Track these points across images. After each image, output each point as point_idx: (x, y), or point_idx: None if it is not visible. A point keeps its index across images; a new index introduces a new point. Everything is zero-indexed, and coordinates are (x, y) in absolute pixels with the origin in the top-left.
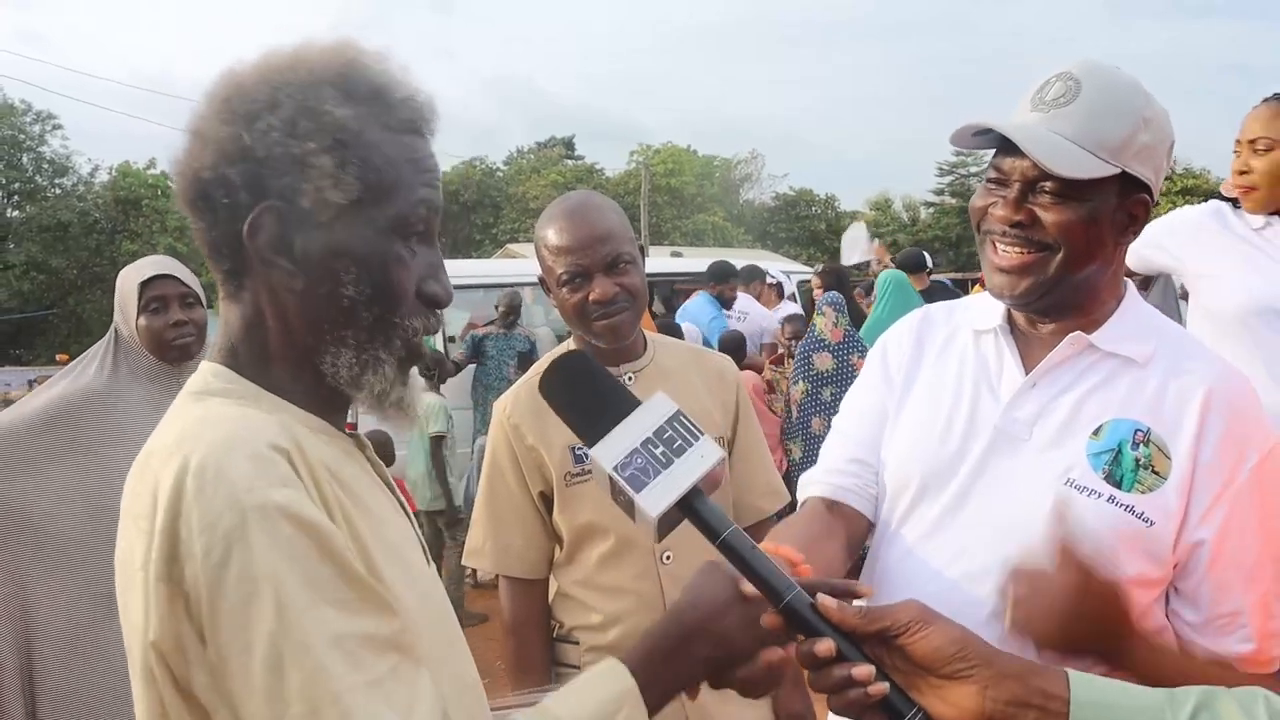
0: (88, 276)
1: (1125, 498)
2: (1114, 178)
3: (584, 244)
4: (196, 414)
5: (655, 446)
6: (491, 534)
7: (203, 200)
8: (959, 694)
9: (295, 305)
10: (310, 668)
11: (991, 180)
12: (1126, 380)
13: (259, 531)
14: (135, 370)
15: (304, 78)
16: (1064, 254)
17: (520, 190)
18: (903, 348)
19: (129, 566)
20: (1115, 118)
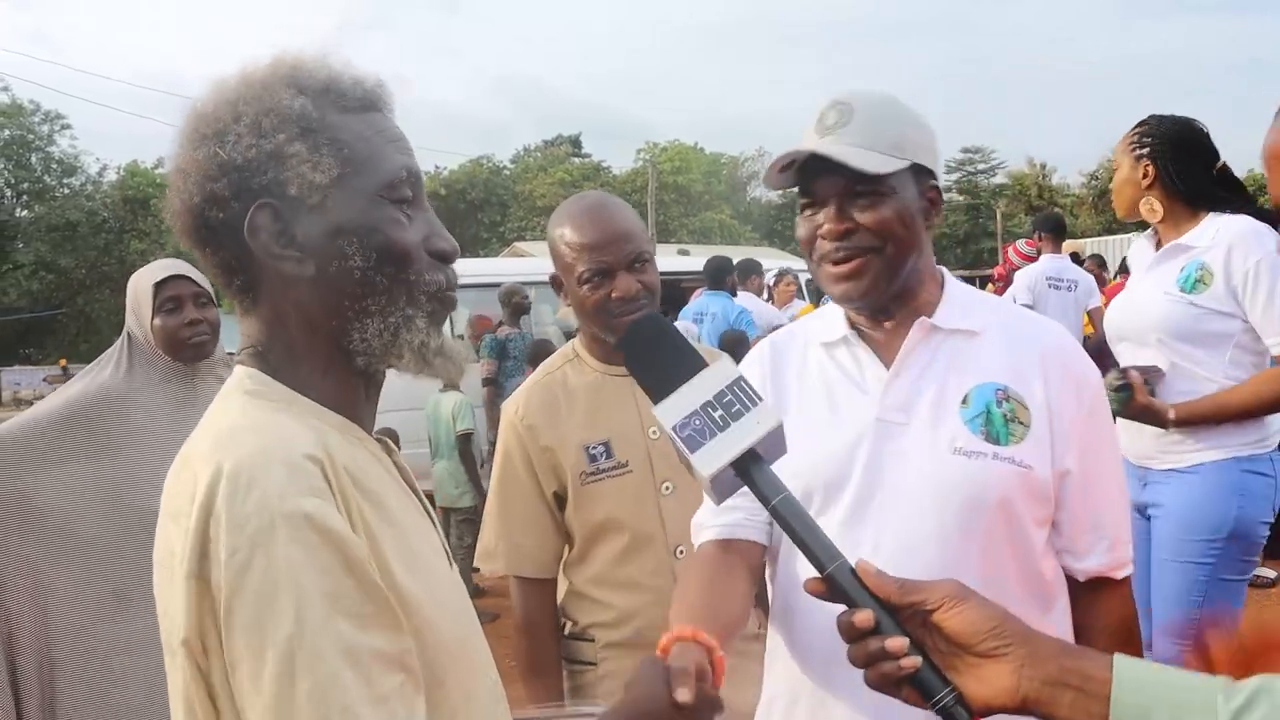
0: (96, 276)
1: (1005, 451)
2: (907, 171)
3: (607, 242)
4: (235, 417)
5: (714, 409)
6: (504, 535)
7: (202, 228)
8: (994, 672)
9: (312, 292)
10: (322, 676)
11: (807, 207)
12: (972, 350)
13: (285, 538)
14: (151, 371)
15: (256, 88)
16: (890, 248)
17: (527, 189)
18: (759, 375)
19: (166, 564)
20: (888, 123)
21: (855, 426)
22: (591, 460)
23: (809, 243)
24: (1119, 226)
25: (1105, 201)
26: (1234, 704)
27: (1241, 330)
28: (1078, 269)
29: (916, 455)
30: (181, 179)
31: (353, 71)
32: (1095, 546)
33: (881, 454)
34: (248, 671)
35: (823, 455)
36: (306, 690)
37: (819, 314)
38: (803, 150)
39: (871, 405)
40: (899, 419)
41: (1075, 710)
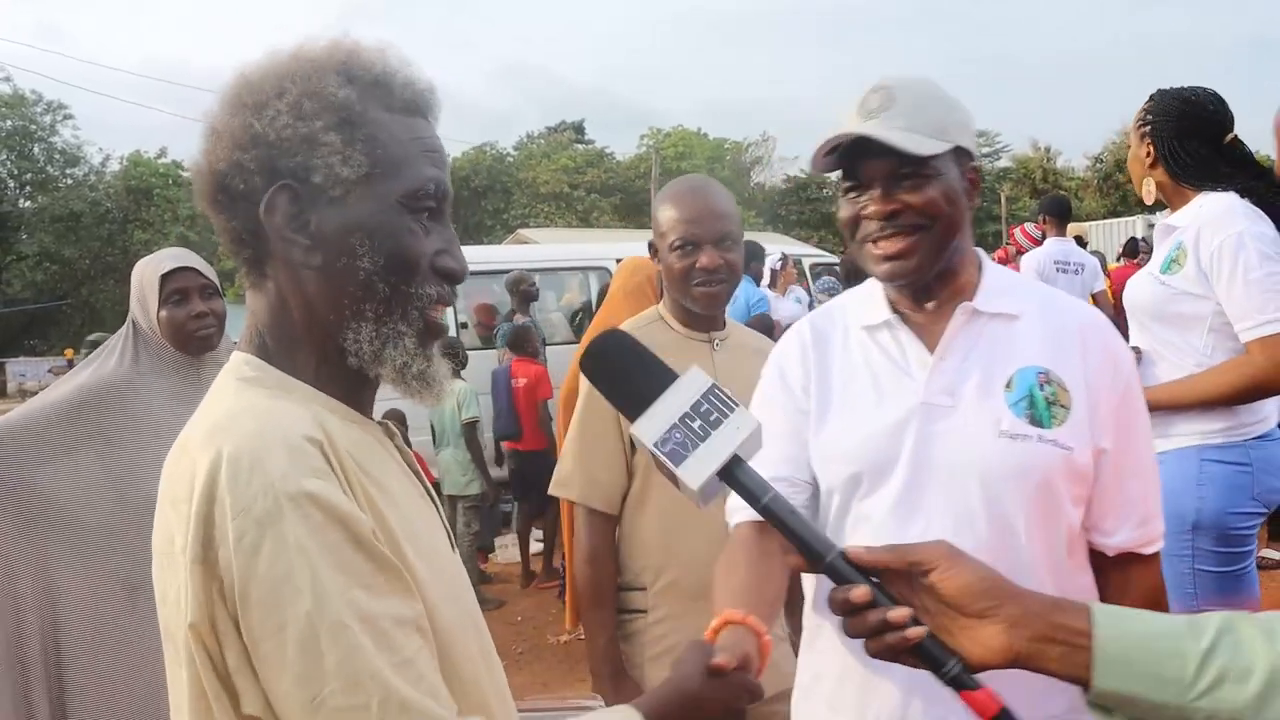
0: (100, 266)
1: (1049, 434)
2: (949, 153)
3: (699, 217)
4: (232, 403)
5: (693, 420)
6: (581, 467)
7: (221, 193)
8: (987, 633)
9: (315, 282)
10: (347, 646)
11: (851, 190)
12: (1013, 334)
13: (292, 518)
14: (156, 361)
15: (307, 67)
16: (938, 227)
17: (530, 175)
18: (801, 355)
19: (167, 550)
20: (930, 106)
21: (901, 409)
22: None
23: (852, 223)
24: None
25: (1110, 184)
26: (1202, 645)
27: (1214, 313)
28: (1084, 252)
29: (964, 438)
30: (213, 140)
31: (407, 71)
32: (1125, 523)
33: (929, 436)
34: (271, 650)
35: (870, 438)
36: (334, 662)
37: (857, 296)
38: (850, 133)
39: (917, 389)
40: (945, 402)
41: (1064, 664)
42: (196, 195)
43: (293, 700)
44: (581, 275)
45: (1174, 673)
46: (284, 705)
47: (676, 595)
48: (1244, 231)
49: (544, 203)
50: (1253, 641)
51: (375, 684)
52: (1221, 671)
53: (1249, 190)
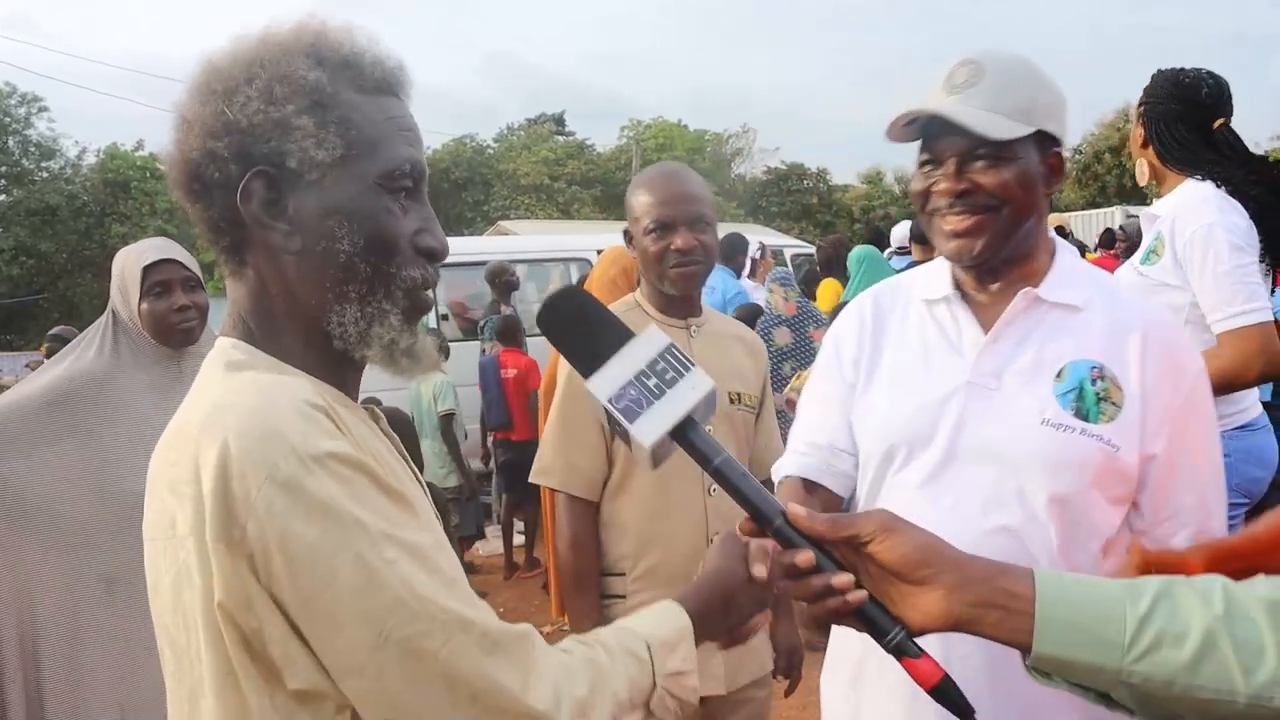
0: (78, 260)
1: (1095, 429)
2: (1031, 137)
3: (673, 199)
4: (230, 383)
5: (648, 378)
6: (562, 454)
7: (196, 182)
8: (927, 599)
9: (295, 267)
10: (399, 579)
11: (926, 164)
12: (1073, 325)
13: (319, 475)
14: (137, 354)
15: (275, 51)
16: (1008, 211)
17: (511, 167)
18: (858, 329)
19: (165, 535)
20: (1019, 86)
21: (946, 386)
22: None
23: (923, 196)
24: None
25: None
26: (1140, 609)
27: (1191, 305)
28: (1064, 242)
29: (1005, 421)
30: (185, 130)
31: (375, 50)
32: (1177, 533)
33: (969, 416)
34: (324, 605)
35: (911, 411)
36: (391, 597)
37: (928, 269)
38: (926, 110)
39: (965, 367)
40: (990, 384)
41: (1002, 629)
42: (171, 185)
43: (358, 645)
44: (563, 266)
45: (1111, 636)
46: (347, 656)
47: (655, 581)
48: (1215, 223)
49: (524, 195)
50: (1189, 605)
51: (435, 607)
52: (1158, 635)
53: (1227, 179)
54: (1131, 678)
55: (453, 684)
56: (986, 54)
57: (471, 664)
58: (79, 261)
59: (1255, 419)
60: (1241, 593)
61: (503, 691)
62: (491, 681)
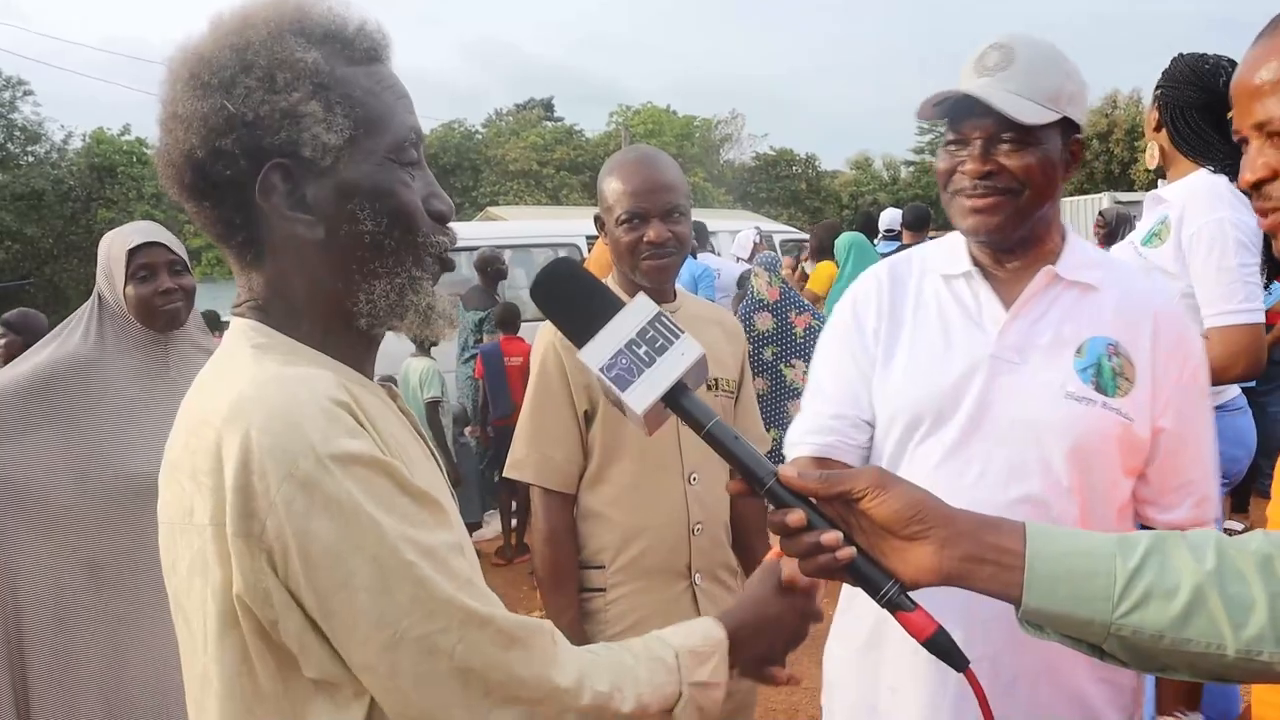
0: (64, 245)
1: (1113, 402)
2: (1056, 123)
3: (647, 189)
4: (255, 373)
5: (639, 346)
6: (535, 447)
7: (202, 181)
8: (918, 554)
9: (319, 255)
10: (415, 580)
11: (952, 143)
12: (1089, 303)
13: (338, 475)
14: (122, 337)
15: (264, 33)
16: (1029, 193)
17: (499, 153)
18: (877, 298)
19: (182, 522)
20: (1048, 73)
21: (969, 360)
22: None
23: (947, 174)
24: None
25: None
26: (1130, 563)
27: (1183, 294)
28: None
29: (1029, 394)
30: (181, 128)
31: (355, 17)
32: (1182, 502)
33: (994, 389)
34: (341, 603)
35: (936, 384)
36: (407, 598)
37: (940, 245)
38: (960, 91)
39: (988, 342)
40: (1013, 359)
41: (993, 583)
42: (171, 186)
43: (371, 644)
44: (551, 252)
45: (1101, 590)
46: (362, 653)
47: (635, 573)
48: (1226, 219)
49: (513, 180)
50: (1180, 561)
51: (451, 607)
52: (1148, 589)
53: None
54: (1121, 631)
55: (466, 681)
56: (1017, 38)
57: (486, 659)
58: (65, 246)
59: (1231, 400)
60: (1234, 548)
61: (521, 682)
62: (509, 674)
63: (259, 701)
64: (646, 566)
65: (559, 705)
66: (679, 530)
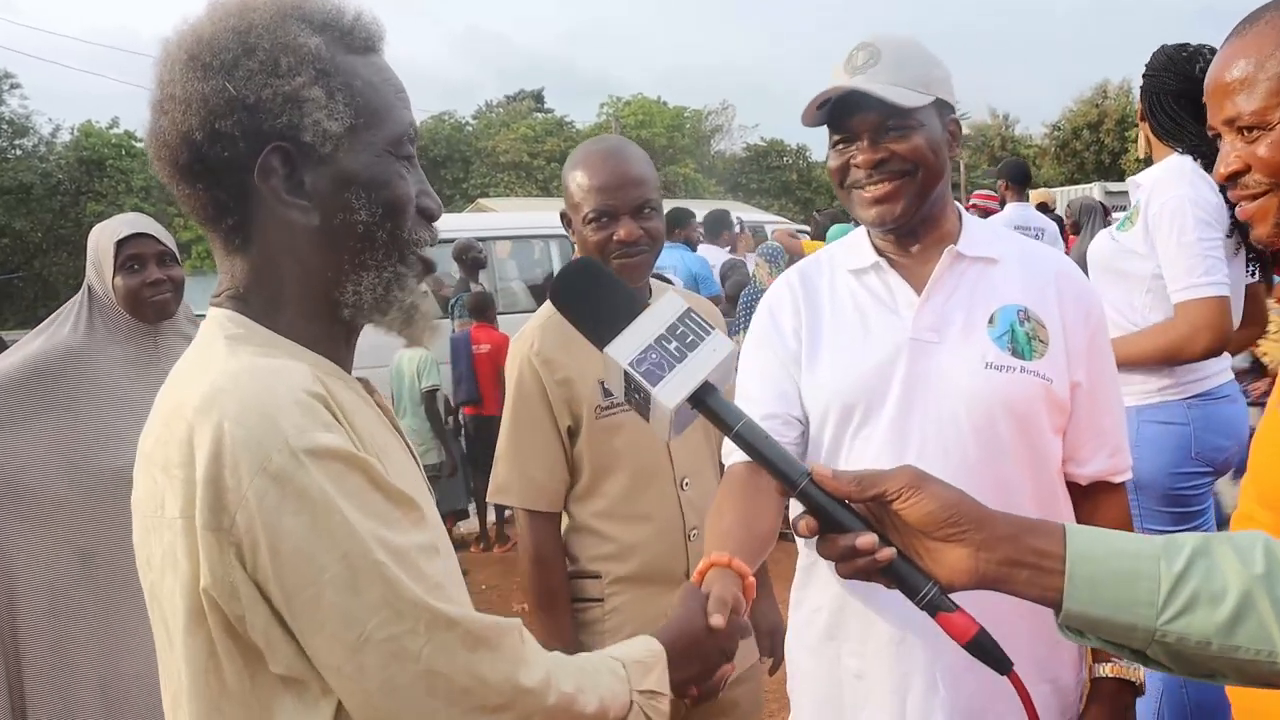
0: (53, 239)
1: (1031, 365)
2: (933, 105)
3: (615, 185)
4: (229, 364)
5: (668, 342)
6: (518, 469)
7: (198, 163)
8: (953, 556)
9: (312, 242)
10: (384, 580)
11: (840, 141)
12: (993, 275)
13: (311, 470)
14: (112, 328)
15: (266, 17)
16: (922, 174)
17: (490, 144)
18: (792, 300)
19: (154, 514)
20: (914, 62)
21: (890, 345)
22: (606, 395)
23: (841, 172)
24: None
25: (1068, 152)
26: (1175, 568)
27: (1153, 275)
28: (1043, 217)
29: (952, 369)
30: (178, 110)
31: (350, 5)
32: (1098, 453)
33: (918, 370)
34: (308, 600)
35: (861, 372)
36: (376, 598)
37: (842, 244)
38: (841, 87)
39: (904, 326)
40: (931, 338)
41: (1031, 587)
42: (160, 166)
43: (337, 644)
44: (542, 243)
45: (1145, 595)
46: (328, 652)
47: (631, 583)
48: (1185, 196)
49: (503, 172)
50: (1227, 564)
51: (419, 609)
52: (1193, 595)
53: (1205, 155)
54: (1165, 637)
55: (432, 686)
56: (879, 36)
57: (454, 662)
58: (54, 240)
59: (1218, 387)
60: None
61: (486, 686)
62: (475, 678)
63: (226, 698)
64: (644, 575)
65: (525, 709)
66: (675, 537)
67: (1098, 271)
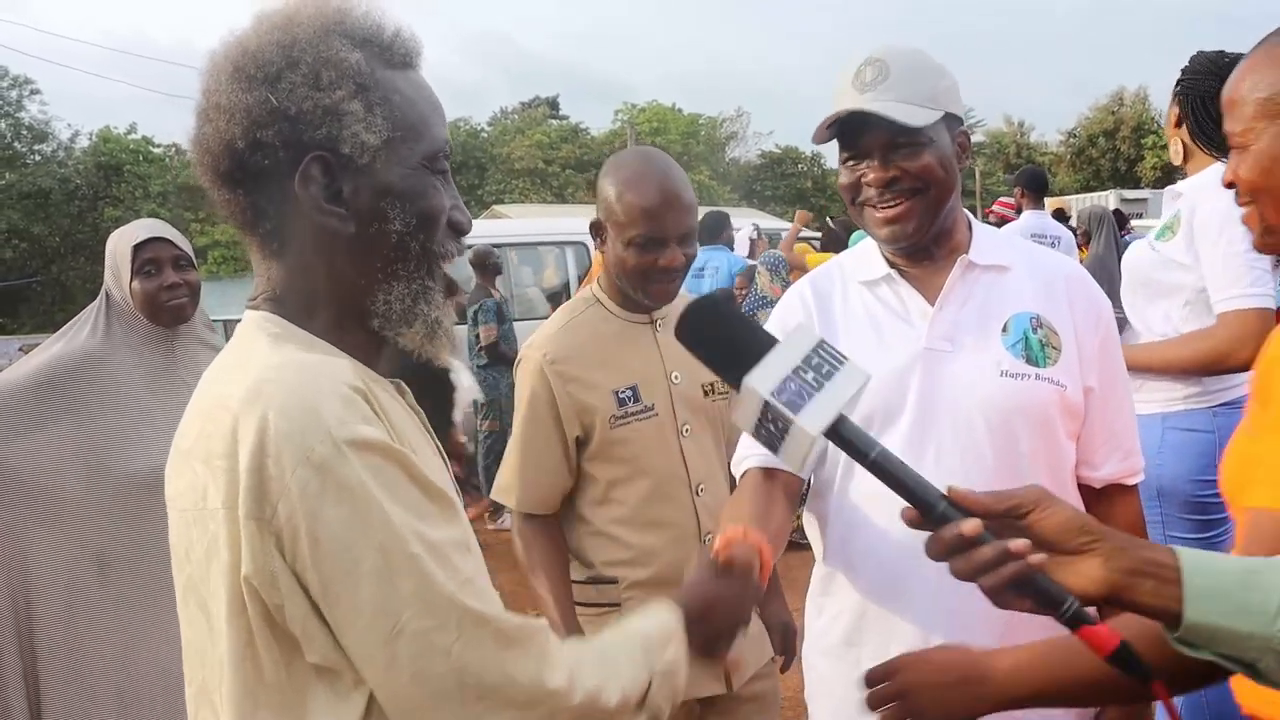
0: (71, 244)
1: (1045, 372)
2: (941, 120)
3: (666, 212)
4: (272, 359)
5: (805, 372)
6: (520, 474)
7: (239, 170)
8: (1085, 567)
9: (347, 249)
10: (419, 574)
11: (850, 160)
12: (1005, 284)
13: (353, 462)
14: (129, 333)
15: (310, 32)
16: (934, 191)
17: (505, 151)
18: (804, 312)
19: (195, 507)
20: (922, 76)
21: (905, 355)
22: (620, 404)
23: (852, 189)
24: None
25: (1083, 159)
26: None
27: (1194, 288)
28: (1059, 225)
29: (968, 378)
30: (223, 118)
31: (391, 21)
32: (1111, 456)
33: (934, 379)
34: (344, 590)
35: (877, 383)
36: (410, 590)
37: (853, 255)
38: (847, 109)
39: (918, 336)
40: (945, 348)
41: (1156, 596)
42: (205, 172)
43: (373, 634)
44: (557, 250)
45: (1259, 604)
46: (362, 643)
47: (647, 588)
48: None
49: (518, 179)
50: None
51: (451, 604)
52: None
53: None
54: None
55: (462, 680)
56: (887, 50)
57: (484, 659)
58: (72, 245)
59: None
60: None
61: (515, 685)
62: (504, 675)
63: (262, 687)
64: (660, 579)
65: (551, 707)
66: (690, 542)
67: (1134, 282)
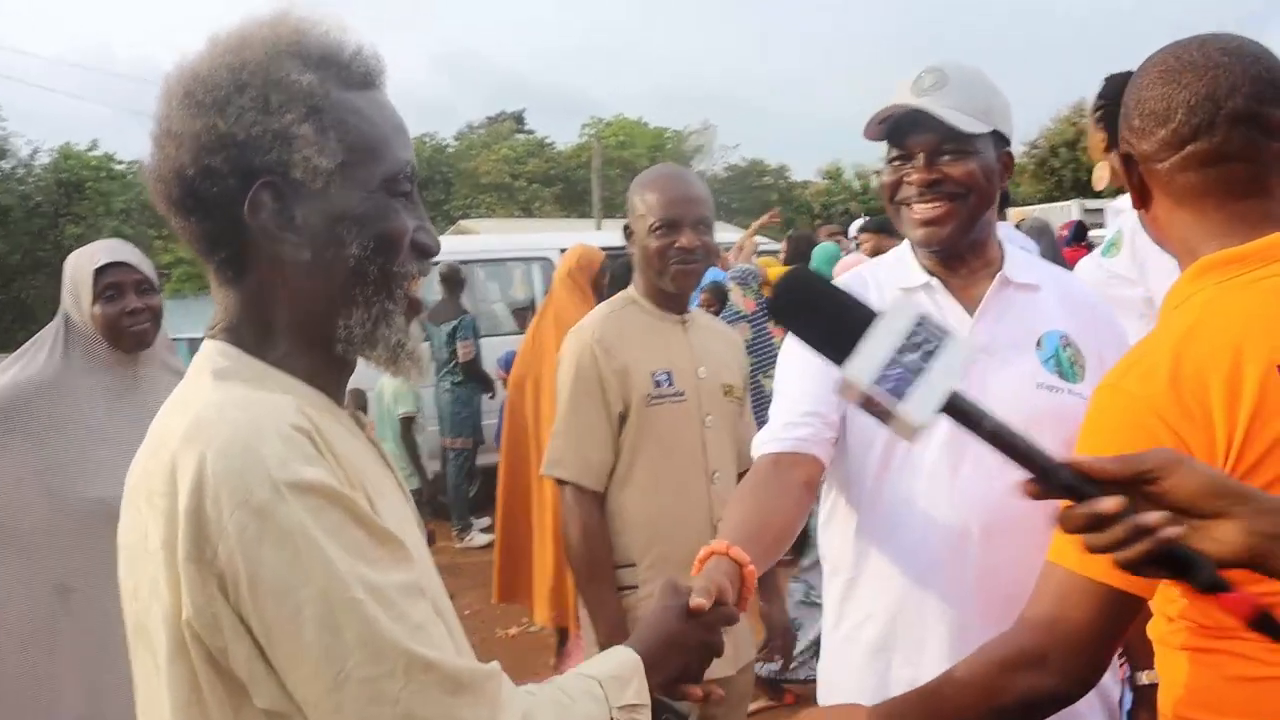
0: (31, 261)
1: (1077, 388)
2: (990, 135)
3: (680, 200)
4: (214, 396)
5: (908, 353)
6: (574, 447)
7: (190, 198)
8: (1224, 530)
9: (303, 275)
10: (363, 619)
11: (897, 159)
12: (1035, 301)
13: (293, 504)
14: (89, 358)
15: (260, 54)
16: (973, 198)
17: (472, 166)
18: None
19: (139, 545)
20: (978, 91)
21: None
22: (656, 385)
23: (893, 188)
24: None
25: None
26: None
27: (1144, 300)
28: (1024, 236)
29: (1007, 388)
30: (173, 145)
31: (350, 40)
32: None
33: (972, 386)
34: (287, 636)
35: None
36: (354, 637)
37: (887, 262)
38: (907, 105)
39: None
40: (984, 358)
41: None
42: (159, 200)
43: (317, 681)
44: (524, 266)
45: None
46: (307, 689)
47: (667, 569)
48: None
49: (485, 193)
50: None
51: (396, 650)
52: None
53: None
54: None
55: None
56: (947, 63)
57: (432, 706)
58: (33, 263)
59: None
60: None
61: None
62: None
63: None
64: (676, 562)
65: None
66: (703, 527)
67: None
